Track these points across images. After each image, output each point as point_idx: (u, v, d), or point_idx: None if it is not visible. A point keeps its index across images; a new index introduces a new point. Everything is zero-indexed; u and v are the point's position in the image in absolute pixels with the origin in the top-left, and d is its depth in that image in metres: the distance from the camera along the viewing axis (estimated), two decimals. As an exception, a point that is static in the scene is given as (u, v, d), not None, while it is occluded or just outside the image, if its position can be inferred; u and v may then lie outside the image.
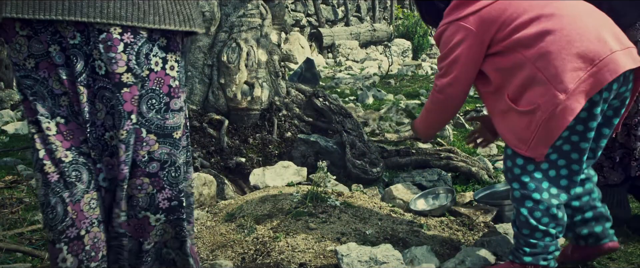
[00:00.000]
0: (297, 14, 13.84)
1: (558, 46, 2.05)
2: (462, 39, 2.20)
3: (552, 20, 2.09)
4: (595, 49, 2.03)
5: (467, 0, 2.23)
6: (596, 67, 2.02)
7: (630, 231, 2.82)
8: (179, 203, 1.97)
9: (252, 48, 4.23)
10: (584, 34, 2.06)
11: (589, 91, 2.02)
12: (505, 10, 2.16)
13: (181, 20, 1.88)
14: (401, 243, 2.62)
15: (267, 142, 4.19)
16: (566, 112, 2.02)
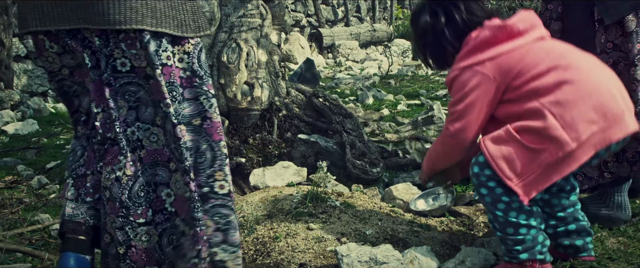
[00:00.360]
0: (297, 14, 13.85)
1: (575, 96, 2.09)
2: (478, 84, 2.20)
3: (569, 72, 2.13)
4: (609, 105, 2.09)
5: (483, 45, 2.23)
6: (608, 122, 2.08)
7: (602, 226, 2.85)
8: (211, 189, 2.05)
9: (252, 48, 4.23)
10: (598, 88, 2.11)
11: (597, 144, 2.07)
12: (522, 58, 2.18)
13: (175, 26, 1.97)
14: (401, 243, 2.62)
15: (267, 142, 4.19)
16: (572, 161, 2.07)
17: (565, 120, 2.07)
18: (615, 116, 2.09)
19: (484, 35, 2.22)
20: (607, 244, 2.67)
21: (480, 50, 2.22)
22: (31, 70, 7.38)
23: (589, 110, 2.08)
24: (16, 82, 7.00)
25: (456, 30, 2.30)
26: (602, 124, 2.08)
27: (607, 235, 2.76)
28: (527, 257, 2.23)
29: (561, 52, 2.21)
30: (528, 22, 2.23)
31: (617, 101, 2.12)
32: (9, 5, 6.50)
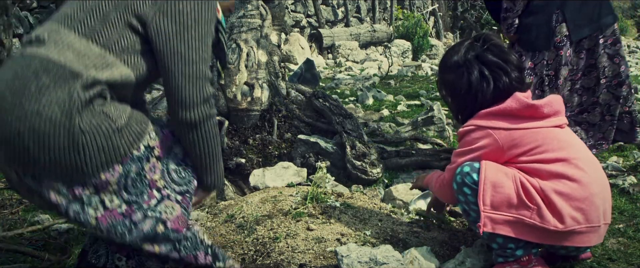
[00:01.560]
0: (297, 14, 13.84)
1: (573, 193, 2.19)
2: (486, 146, 2.29)
3: (575, 170, 2.23)
4: (594, 215, 2.21)
5: (505, 114, 2.30)
6: (586, 229, 2.19)
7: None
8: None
9: (252, 49, 4.23)
10: (593, 197, 2.21)
11: (567, 242, 2.19)
12: (536, 140, 2.26)
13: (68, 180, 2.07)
14: (401, 244, 2.62)
15: (267, 142, 4.19)
16: (541, 237, 2.18)
17: (554, 207, 2.17)
18: (594, 227, 2.21)
19: (510, 106, 2.29)
20: (607, 245, 2.67)
21: (501, 117, 2.30)
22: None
23: (577, 211, 2.17)
24: (16, 82, 7.00)
25: (496, 96, 2.33)
26: (582, 228, 2.18)
27: (607, 236, 2.76)
28: (522, 252, 2.24)
29: (575, 148, 2.31)
30: (553, 108, 2.32)
31: (600, 215, 2.22)
32: (9, 5, 6.50)
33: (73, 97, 1.95)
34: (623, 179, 3.53)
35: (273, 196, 3.08)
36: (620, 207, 3.13)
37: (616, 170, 3.80)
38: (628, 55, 12.09)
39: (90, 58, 2.01)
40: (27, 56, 2.01)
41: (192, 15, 2.09)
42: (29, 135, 1.95)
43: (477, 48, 2.39)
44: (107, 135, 2.00)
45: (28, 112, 1.94)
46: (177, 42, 2.06)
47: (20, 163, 2.01)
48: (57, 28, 2.06)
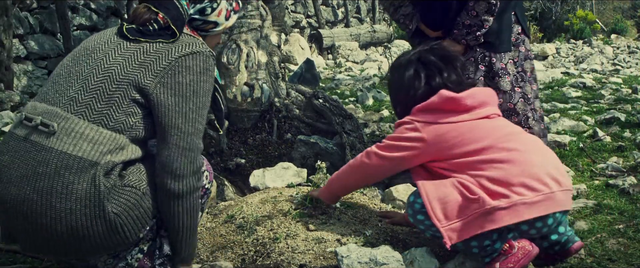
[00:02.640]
0: (297, 15, 13.85)
1: (507, 175, 2.22)
2: (411, 139, 2.40)
3: (504, 152, 2.28)
4: (540, 184, 2.22)
5: (431, 109, 2.40)
6: (540, 198, 2.20)
7: None
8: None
9: (252, 49, 4.23)
10: (532, 169, 2.24)
11: (527, 215, 2.18)
12: (462, 133, 2.34)
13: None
14: (401, 244, 2.62)
15: (267, 143, 4.19)
16: (503, 218, 2.17)
17: (492, 191, 2.20)
18: (545, 195, 2.21)
19: (432, 101, 2.40)
20: (607, 245, 2.68)
21: (427, 113, 2.40)
22: (31, 71, 7.37)
23: (518, 186, 2.19)
24: (16, 83, 7.00)
25: (427, 94, 2.45)
26: (531, 198, 2.18)
27: (607, 236, 2.76)
28: (500, 243, 2.27)
29: (500, 131, 2.36)
30: (477, 100, 2.40)
31: (548, 182, 2.24)
32: (9, 6, 6.50)
33: (99, 187, 2.01)
34: (623, 180, 3.53)
35: (273, 197, 3.08)
36: (620, 208, 3.13)
37: (616, 170, 3.80)
38: (628, 56, 12.08)
39: (104, 144, 2.06)
40: (42, 149, 2.03)
41: (191, 87, 2.15)
42: (68, 232, 2.02)
43: (422, 51, 2.54)
44: (137, 205, 2.10)
45: (61, 212, 2.00)
46: (175, 114, 2.12)
47: (64, 254, 2.11)
48: (65, 115, 2.08)
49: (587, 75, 8.49)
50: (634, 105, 5.64)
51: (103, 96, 2.09)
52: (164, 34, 2.21)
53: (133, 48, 2.17)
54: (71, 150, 2.01)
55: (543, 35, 17.14)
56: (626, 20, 20.83)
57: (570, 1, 18.49)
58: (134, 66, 2.12)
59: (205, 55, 2.21)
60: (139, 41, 2.18)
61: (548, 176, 2.24)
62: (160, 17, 2.21)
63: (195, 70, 2.16)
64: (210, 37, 2.50)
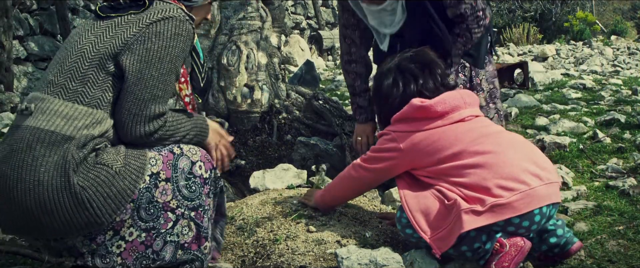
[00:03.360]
0: (297, 16, 13.85)
1: (481, 177, 2.23)
2: (389, 149, 2.44)
3: (474, 156, 2.29)
4: (517, 183, 2.22)
5: (404, 118, 2.43)
6: (520, 196, 2.20)
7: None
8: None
9: (252, 51, 4.23)
10: (508, 167, 2.25)
11: (510, 213, 2.19)
12: (434, 140, 2.36)
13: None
14: (401, 246, 2.62)
15: (267, 144, 4.19)
16: (470, 221, 2.17)
17: (468, 196, 2.21)
18: (523, 193, 2.21)
19: (404, 111, 2.42)
20: (607, 246, 2.67)
21: (402, 123, 2.44)
22: (31, 72, 7.38)
23: (496, 188, 2.20)
24: (16, 84, 7.00)
25: (403, 102, 2.46)
26: (508, 199, 2.19)
27: (607, 237, 2.76)
28: (491, 243, 2.27)
29: (472, 134, 2.36)
30: (448, 105, 2.40)
31: (527, 178, 2.24)
32: (9, 7, 6.50)
33: (67, 158, 2.04)
34: (623, 181, 3.53)
35: (273, 198, 3.08)
36: (620, 209, 3.12)
37: (616, 171, 3.80)
38: (628, 57, 12.08)
39: (79, 119, 2.09)
40: (19, 129, 2.10)
41: (157, 54, 2.17)
42: (36, 205, 2.04)
43: (403, 58, 2.55)
44: (108, 183, 2.09)
45: (29, 184, 2.03)
46: (134, 80, 2.14)
47: (38, 232, 2.11)
48: (42, 97, 2.14)
49: (587, 76, 8.49)
50: (634, 107, 5.64)
51: (77, 75, 2.15)
52: (134, 4, 2.24)
53: (105, 25, 2.22)
54: (43, 125, 2.07)
55: (543, 37, 17.15)
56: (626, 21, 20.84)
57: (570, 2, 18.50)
58: (105, 40, 2.17)
59: (179, 20, 2.22)
60: (111, 17, 2.23)
61: (525, 173, 2.25)
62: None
63: (166, 36, 2.18)
64: (196, 9, 2.48)
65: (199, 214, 2.31)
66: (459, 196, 2.22)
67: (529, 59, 11.92)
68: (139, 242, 2.19)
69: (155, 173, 2.19)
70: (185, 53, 2.28)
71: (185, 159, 2.28)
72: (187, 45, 2.27)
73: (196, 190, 2.30)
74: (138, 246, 2.19)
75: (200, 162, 2.33)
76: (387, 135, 2.46)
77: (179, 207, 2.25)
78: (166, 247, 2.24)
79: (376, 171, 2.50)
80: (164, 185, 2.21)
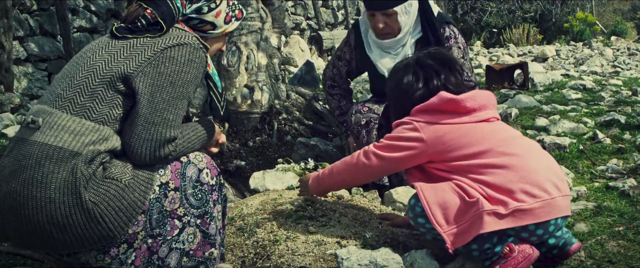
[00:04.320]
0: (297, 17, 13.85)
1: (504, 180, 2.22)
2: (410, 139, 2.38)
3: (501, 157, 2.27)
4: (539, 190, 2.21)
5: (430, 110, 2.40)
6: (540, 204, 2.19)
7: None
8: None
9: (252, 51, 4.24)
10: (530, 174, 2.24)
11: (527, 220, 2.18)
12: (459, 135, 2.33)
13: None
14: (401, 246, 2.62)
15: (267, 145, 4.19)
16: (491, 223, 2.16)
17: (491, 196, 2.20)
18: (544, 201, 2.20)
19: (432, 102, 2.39)
20: (607, 247, 2.67)
21: (427, 114, 2.40)
22: (31, 73, 7.38)
23: (519, 193, 2.19)
24: (16, 85, 7.00)
25: (426, 96, 2.45)
26: (530, 205, 2.18)
27: (607, 238, 2.76)
28: (501, 246, 2.26)
29: (500, 135, 2.35)
30: (477, 102, 2.39)
31: (549, 187, 2.23)
32: (9, 8, 6.50)
33: (77, 175, 2.04)
34: (623, 182, 3.53)
35: (273, 199, 3.08)
36: (620, 210, 3.12)
37: (616, 172, 3.80)
38: (628, 57, 12.08)
39: (86, 135, 2.09)
40: (26, 144, 2.09)
41: (169, 78, 2.17)
42: (49, 222, 2.04)
43: (420, 55, 2.55)
44: (119, 197, 2.10)
45: (40, 201, 2.03)
46: (145, 103, 2.13)
47: (50, 247, 2.11)
48: (50, 110, 2.14)
49: (587, 77, 8.49)
50: (634, 107, 5.64)
51: (86, 90, 2.15)
52: (152, 29, 2.25)
53: (120, 45, 2.23)
54: (52, 141, 2.07)
55: (543, 37, 17.15)
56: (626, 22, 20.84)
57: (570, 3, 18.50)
58: (118, 60, 2.17)
59: (193, 47, 2.23)
60: (127, 38, 2.24)
61: (548, 182, 2.24)
62: (148, 12, 2.27)
63: (179, 61, 2.19)
64: (210, 40, 2.50)
65: (204, 221, 2.33)
66: (481, 195, 2.20)
67: (529, 59, 11.91)
68: (146, 248, 2.20)
69: (165, 183, 2.20)
70: (198, 80, 2.28)
71: (193, 167, 2.29)
72: (200, 72, 2.27)
73: (203, 198, 2.32)
74: (144, 251, 2.20)
75: (207, 169, 2.34)
76: (408, 125, 2.41)
77: (185, 214, 2.27)
78: (171, 253, 2.25)
79: (392, 160, 2.43)
80: (173, 194, 2.22)
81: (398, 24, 3.60)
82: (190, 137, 2.29)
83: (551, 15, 17.56)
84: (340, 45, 3.94)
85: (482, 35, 17.10)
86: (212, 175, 2.36)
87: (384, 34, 3.63)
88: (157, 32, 2.24)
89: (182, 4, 2.36)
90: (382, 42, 3.67)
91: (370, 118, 3.66)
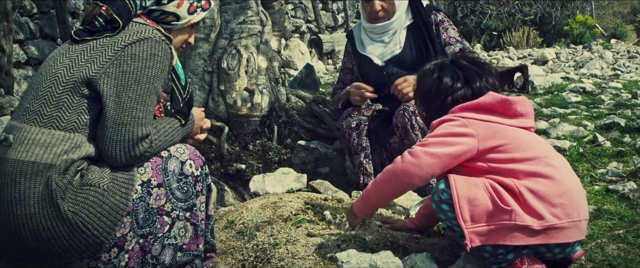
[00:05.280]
0: (297, 20, 13.86)
1: (548, 191, 2.19)
2: (460, 134, 2.29)
3: (549, 168, 2.24)
4: (573, 210, 2.20)
5: (480, 108, 2.34)
6: (569, 224, 2.18)
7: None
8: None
9: (252, 54, 4.24)
10: (569, 192, 2.22)
11: (552, 239, 2.18)
12: (507, 137, 2.28)
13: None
14: (401, 250, 2.61)
15: (267, 148, 4.19)
16: (528, 236, 2.15)
17: (531, 206, 2.16)
18: (575, 222, 2.20)
19: (484, 100, 2.34)
20: (607, 250, 2.67)
21: (475, 110, 2.34)
22: (31, 76, 7.38)
23: (555, 207, 2.17)
24: (16, 88, 7.00)
25: (466, 96, 2.39)
26: (564, 223, 2.17)
27: (607, 241, 2.75)
28: (514, 255, 2.24)
29: (543, 147, 2.34)
30: (525, 108, 2.36)
31: (579, 209, 2.22)
32: (10, 11, 6.51)
33: (52, 187, 2.03)
34: (623, 185, 3.53)
35: (273, 202, 3.08)
36: (620, 213, 3.12)
37: (616, 175, 3.80)
38: (628, 60, 12.07)
39: (58, 145, 2.08)
40: (2, 163, 2.09)
41: (133, 75, 2.15)
42: (33, 237, 2.04)
43: (453, 58, 2.51)
44: (99, 202, 2.08)
45: (21, 218, 2.03)
46: (112, 105, 2.11)
47: (41, 261, 2.11)
48: (19, 126, 2.13)
49: (587, 80, 8.49)
50: (634, 110, 5.64)
51: (51, 100, 2.13)
52: (109, 27, 2.22)
53: (80, 48, 2.20)
54: (24, 156, 2.06)
55: (543, 40, 17.14)
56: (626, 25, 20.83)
57: (570, 6, 18.51)
58: (80, 64, 2.15)
59: (154, 40, 2.20)
60: (86, 40, 2.21)
61: (579, 204, 2.23)
62: (104, 10, 2.24)
63: (141, 57, 2.16)
64: (174, 32, 2.45)
65: (193, 214, 2.31)
66: (518, 202, 2.17)
67: (528, 62, 11.91)
68: (138, 248, 2.19)
69: (146, 181, 2.19)
70: (165, 73, 2.25)
71: (175, 160, 2.27)
72: (165, 65, 2.24)
73: (189, 190, 2.30)
74: (137, 251, 2.19)
75: (190, 159, 2.32)
76: (455, 121, 2.32)
77: (173, 209, 2.25)
78: (165, 250, 2.24)
79: (445, 156, 2.28)
80: (157, 191, 2.21)
81: (393, 7, 3.78)
82: (166, 130, 2.26)
83: (551, 18, 17.56)
84: (343, 59, 4.11)
85: (482, 38, 17.09)
86: (196, 166, 2.34)
87: (379, 18, 3.81)
88: (115, 30, 2.21)
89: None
90: (375, 26, 3.86)
91: (360, 120, 3.68)
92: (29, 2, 7.48)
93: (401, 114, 3.50)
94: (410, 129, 3.46)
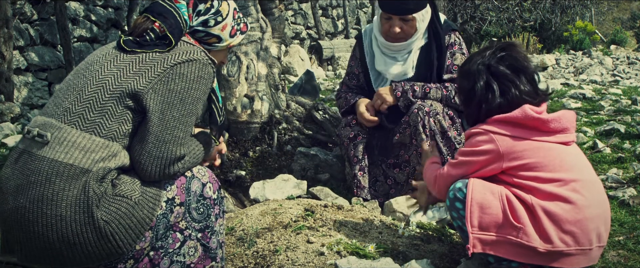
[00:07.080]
0: (297, 26, 13.88)
1: (565, 216, 2.17)
2: (487, 151, 2.28)
3: (571, 192, 2.20)
4: (585, 239, 2.18)
5: (511, 122, 2.30)
6: (576, 252, 2.18)
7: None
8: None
9: (252, 61, 4.24)
10: (587, 221, 2.19)
11: (556, 263, 2.17)
12: (536, 155, 2.25)
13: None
14: (401, 256, 2.61)
15: (267, 155, 4.19)
16: (529, 256, 2.16)
17: (542, 227, 2.15)
18: (585, 251, 2.19)
19: (515, 115, 2.28)
20: (607, 257, 2.67)
21: (506, 125, 2.30)
22: (32, 82, 7.39)
23: (566, 234, 2.16)
24: (16, 94, 7.01)
25: (503, 106, 2.33)
26: (571, 250, 2.16)
27: (607, 248, 2.75)
28: (518, 265, 2.24)
29: (576, 168, 2.27)
30: (562, 124, 2.30)
31: (593, 238, 2.20)
32: (10, 17, 6.52)
33: (89, 194, 2.04)
34: (623, 191, 3.53)
35: (273, 209, 3.08)
36: (620, 220, 3.12)
37: (616, 182, 3.80)
38: (627, 66, 12.09)
39: (96, 151, 2.08)
40: (34, 159, 2.08)
41: (179, 95, 2.16)
42: (59, 239, 2.04)
43: (491, 58, 2.39)
44: (129, 214, 2.10)
45: (51, 219, 2.03)
46: (156, 121, 2.13)
47: (58, 263, 2.11)
48: (59, 125, 2.12)
49: (587, 86, 8.50)
50: (634, 117, 5.65)
51: (96, 106, 2.13)
52: (160, 43, 2.23)
53: (129, 59, 2.20)
54: (62, 157, 2.05)
55: (542, 46, 17.17)
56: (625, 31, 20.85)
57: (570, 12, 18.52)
58: (128, 75, 2.15)
59: (202, 63, 2.22)
60: (135, 52, 2.21)
61: (594, 232, 2.20)
62: (157, 26, 2.25)
63: (189, 78, 2.18)
64: (214, 53, 2.48)
65: (205, 235, 2.33)
66: (531, 218, 2.17)
67: (528, 68, 11.90)
68: (147, 260, 2.20)
69: (171, 199, 2.20)
70: (206, 96, 2.29)
71: (197, 181, 2.30)
72: (208, 87, 2.27)
73: (205, 212, 2.32)
74: (146, 264, 2.20)
75: (210, 183, 2.35)
76: (483, 135, 2.32)
77: (187, 228, 2.27)
78: (172, 266, 2.25)
79: (469, 174, 2.35)
80: (178, 210, 2.23)
81: (413, 29, 3.56)
82: (196, 152, 2.29)
83: (551, 24, 17.58)
84: (349, 62, 3.97)
85: (482, 44, 17.11)
86: (214, 189, 2.36)
87: (398, 38, 3.58)
88: (166, 47, 2.22)
89: (190, 17, 2.35)
90: (391, 45, 3.61)
91: (358, 131, 3.66)
92: (29, 9, 7.49)
93: (415, 113, 3.44)
94: (421, 129, 3.41)
